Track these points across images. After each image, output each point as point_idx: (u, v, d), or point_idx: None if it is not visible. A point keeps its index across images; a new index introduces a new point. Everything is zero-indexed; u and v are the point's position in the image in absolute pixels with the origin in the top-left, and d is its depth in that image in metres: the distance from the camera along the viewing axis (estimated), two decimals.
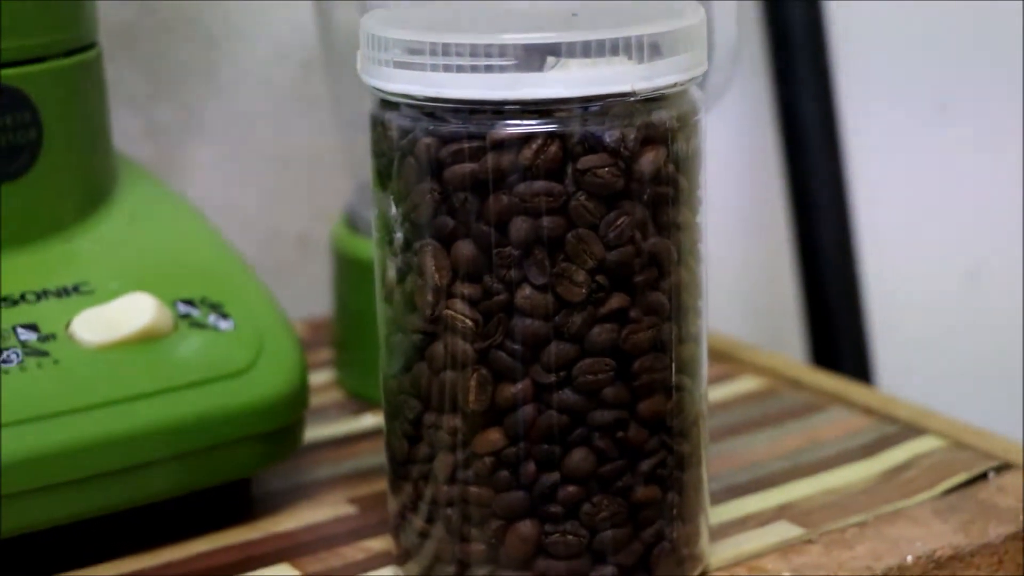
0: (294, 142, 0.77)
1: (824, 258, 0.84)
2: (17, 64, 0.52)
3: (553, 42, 0.44)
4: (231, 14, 0.74)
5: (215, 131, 0.75)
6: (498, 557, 0.47)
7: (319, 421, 0.61)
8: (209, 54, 0.74)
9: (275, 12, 0.75)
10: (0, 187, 0.52)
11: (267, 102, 0.76)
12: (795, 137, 0.83)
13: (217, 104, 0.75)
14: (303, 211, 0.77)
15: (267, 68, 0.75)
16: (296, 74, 0.76)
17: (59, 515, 0.50)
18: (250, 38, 0.74)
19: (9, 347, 0.50)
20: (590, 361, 0.45)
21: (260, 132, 0.76)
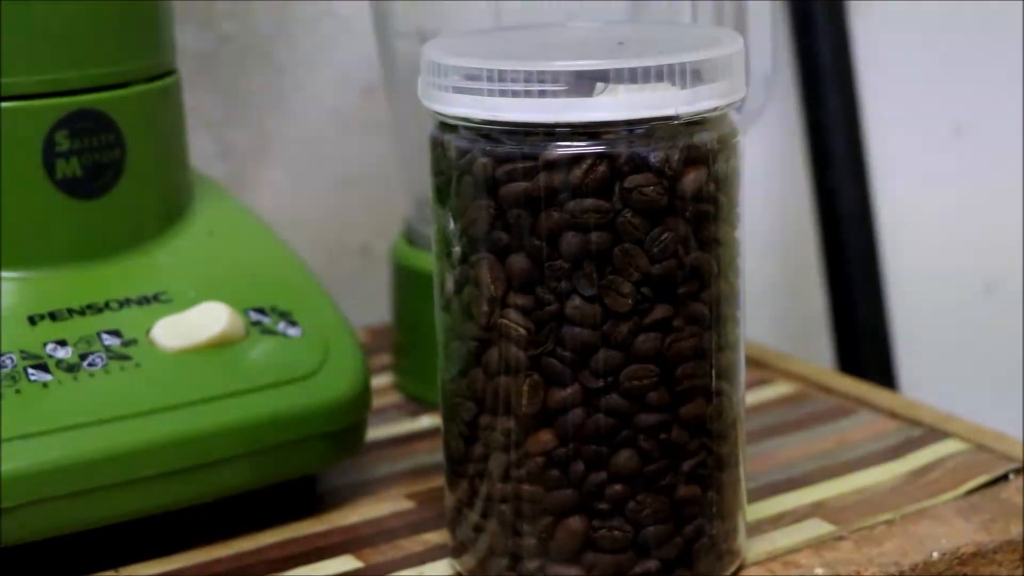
0: (356, 162, 0.76)
1: (850, 270, 0.83)
2: (103, 89, 0.52)
3: (602, 68, 0.43)
4: (299, 44, 0.74)
5: (283, 152, 0.75)
6: (548, 551, 0.46)
7: (379, 422, 0.61)
8: (278, 81, 0.74)
9: (339, 42, 0.75)
10: (87, 203, 0.52)
11: (331, 125, 0.76)
12: (823, 157, 0.83)
13: (285, 127, 0.75)
14: (364, 226, 0.77)
15: (331, 94, 0.75)
16: (358, 99, 0.76)
17: (140, 508, 0.50)
18: (316, 66, 0.74)
19: (95, 351, 0.50)
20: (635, 367, 0.45)
21: (325, 153, 0.76)
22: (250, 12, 0.72)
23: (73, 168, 0.52)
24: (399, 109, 0.65)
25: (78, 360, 0.50)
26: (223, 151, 0.73)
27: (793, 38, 0.83)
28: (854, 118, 0.83)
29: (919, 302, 0.90)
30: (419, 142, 0.60)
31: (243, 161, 0.74)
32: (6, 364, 0.49)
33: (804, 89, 0.83)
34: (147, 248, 0.54)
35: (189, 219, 0.56)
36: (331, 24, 0.74)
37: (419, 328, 0.64)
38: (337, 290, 0.58)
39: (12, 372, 0.49)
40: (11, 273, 0.51)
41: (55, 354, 0.50)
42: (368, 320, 0.72)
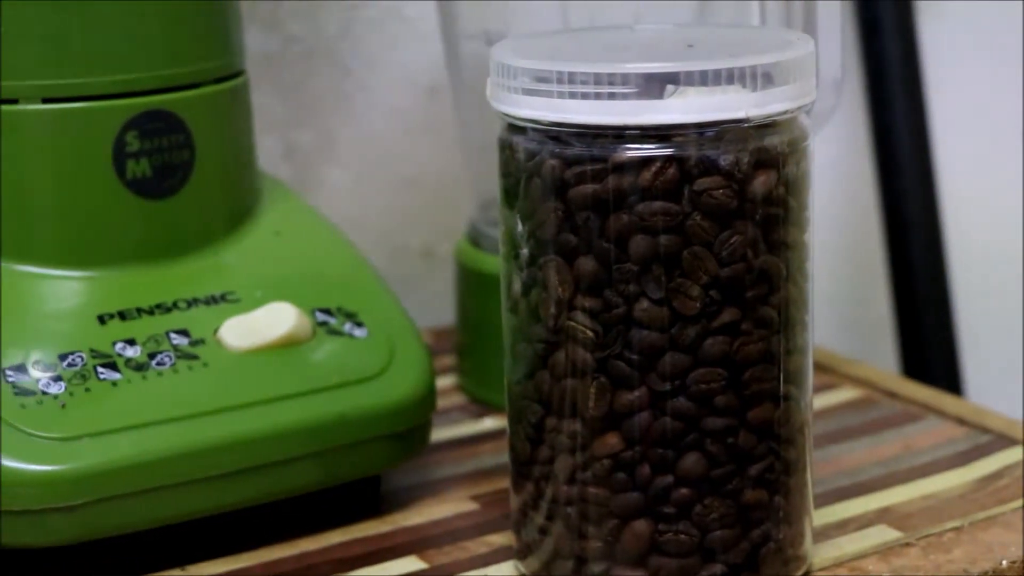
0: (420, 163, 0.77)
1: (916, 275, 0.83)
2: (173, 90, 0.52)
3: (672, 71, 0.43)
4: (363, 46, 0.74)
5: (348, 153, 0.75)
6: (614, 554, 0.46)
7: (442, 423, 0.61)
8: (343, 82, 0.74)
9: (403, 43, 0.75)
10: (156, 203, 0.53)
11: (395, 126, 0.76)
12: (889, 160, 0.83)
13: (350, 128, 0.75)
14: (428, 227, 0.77)
15: (396, 95, 0.75)
16: (422, 100, 0.76)
17: (207, 507, 0.50)
18: (380, 67, 0.75)
19: (163, 350, 0.51)
20: (703, 371, 0.45)
21: (388, 154, 0.76)
22: (316, 13, 0.73)
23: (143, 168, 0.52)
24: (464, 110, 0.65)
25: (147, 359, 0.50)
26: (288, 152, 0.73)
27: (860, 40, 0.82)
28: (921, 121, 0.82)
29: (985, 308, 0.89)
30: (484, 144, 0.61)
31: (307, 162, 0.74)
32: (76, 363, 0.50)
33: (870, 92, 0.83)
34: (215, 248, 0.54)
35: (256, 219, 0.56)
36: (396, 25, 0.74)
37: (483, 330, 0.64)
38: (399, 291, 0.59)
39: (82, 370, 0.49)
40: (81, 272, 0.52)
41: (124, 353, 0.50)
42: (429, 322, 0.72)
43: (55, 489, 0.48)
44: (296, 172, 0.73)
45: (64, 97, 0.51)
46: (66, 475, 0.48)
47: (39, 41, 0.51)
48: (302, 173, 0.73)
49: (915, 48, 0.82)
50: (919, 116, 0.82)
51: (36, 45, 0.51)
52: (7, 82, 0.51)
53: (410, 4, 0.74)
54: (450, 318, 0.69)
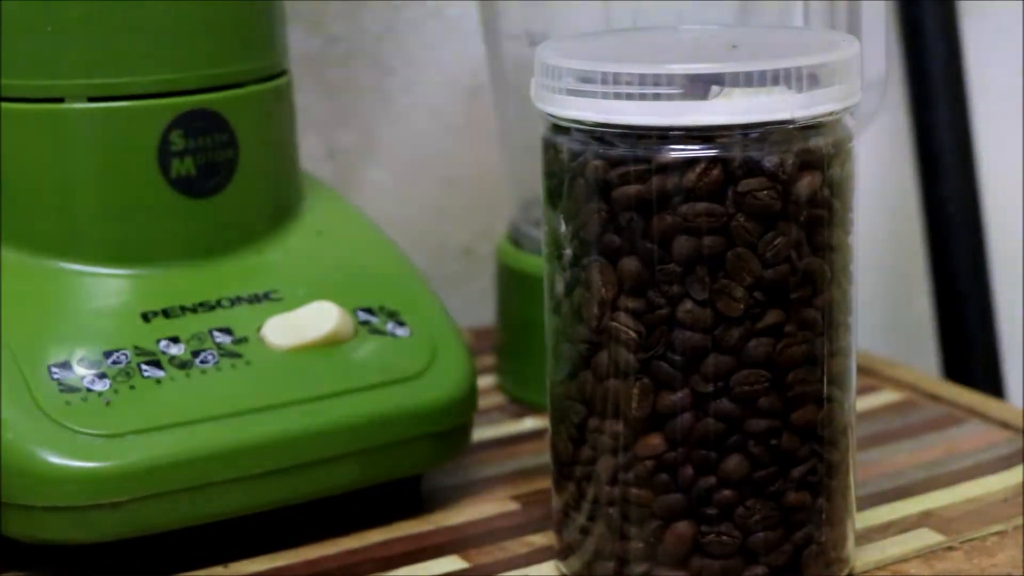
0: (460, 164, 0.77)
1: (958, 276, 0.83)
2: (217, 89, 0.53)
3: (717, 72, 0.43)
4: (405, 46, 0.74)
5: (389, 153, 0.75)
6: (656, 555, 0.46)
7: (483, 423, 0.61)
8: (384, 82, 0.74)
9: (446, 44, 0.75)
10: (200, 202, 0.53)
11: (436, 127, 0.76)
12: (932, 162, 0.82)
13: (391, 128, 0.75)
14: (468, 227, 0.78)
15: (437, 95, 0.76)
16: (464, 101, 0.76)
17: (249, 504, 0.51)
18: (422, 68, 0.75)
19: (206, 349, 0.51)
20: (746, 372, 0.45)
21: (429, 154, 0.76)
22: (358, 13, 0.73)
23: (187, 167, 0.52)
24: (506, 111, 0.65)
25: (190, 357, 0.51)
26: (329, 152, 0.74)
27: (902, 40, 0.82)
28: (964, 123, 0.82)
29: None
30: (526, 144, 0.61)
31: (349, 162, 0.74)
32: (121, 360, 0.50)
33: (913, 93, 0.82)
34: (258, 247, 0.54)
35: (299, 218, 0.56)
36: (438, 26, 0.74)
37: (524, 330, 0.64)
38: (438, 291, 0.59)
39: (126, 368, 0.50)
40: (126, 270, 0.52)
41: (168, 351, 0.51)
42: (469, 322, 0.72)
43: (100, 486, 0.48)
44: (338, 172, 0.73)
45: (110, 96, 0.51)
46: (111, 472, 0.48)
47: (85, 40, 0.51)
48: (344, 173, 0.74)
49: (958, 48, 0.81)
50: (961, 117, 0.82)
51: (82, 44, 0.51)
52: (53, 81, 0.51)
53: (452, 5, 0.74)
54: (490, 318, 0.69)
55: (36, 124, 0.52)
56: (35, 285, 0.52)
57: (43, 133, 0.52)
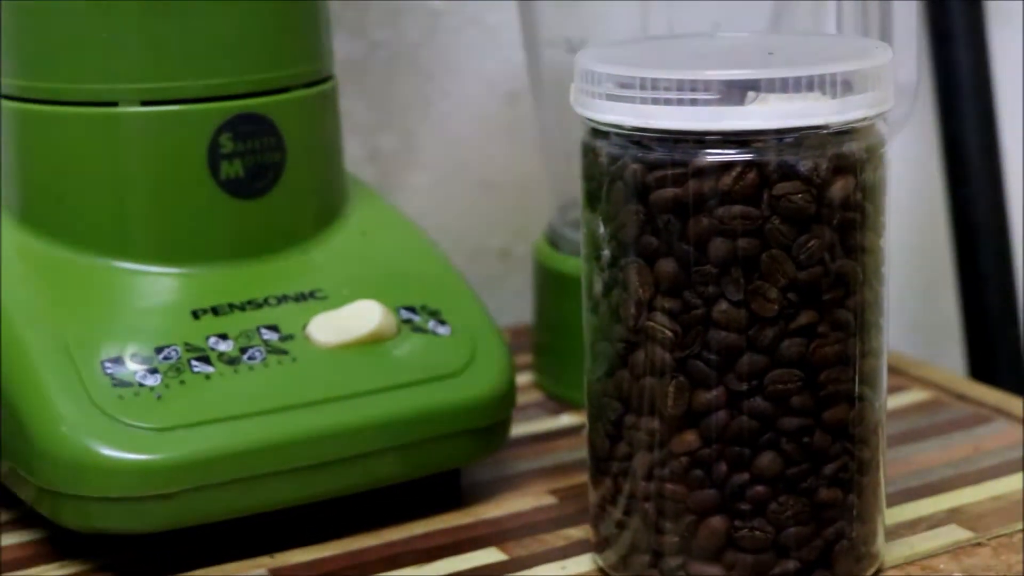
0: (497, 167, 0.77)
1: (984, 279, 0.82)
2: (265, 93, 0.53)
3: (753, 78, 0.43)
4: (446, 52, 0.74)
5: (429, 157, 0.75)
6: (690, 549, 0.46)
7: (520, 419, 0.61)
8: (425, 88, 0.74)
9: (484, 50, 0.75)
10: (248, 203, 0.53)
11: (476, 131, 0.76)
12: (959, 167, 0.82)
13: (431, 132, 0.75)
14: (505, 229, 0.78)
15: (476, 100, 0.76)
16: (502, 106, 0.76)
17: (295, 496, 0.51)
18: (462, 73, 0.75)
19: (254, 345, 0.51)
20: (780, 372, 0.45)
21: (469, 158, 0.76)
22: (400, 20, 0.73)
23: (236, 169, 0.52)
24: (545, 115, 0.65)
25: (238, 353, 0.51)
26: (372, 155, 0.74)
27: (931, 48, 0.82)
28: (991, 128, 0.81)
29: None
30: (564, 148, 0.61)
31: (391, 165, 0.74)
32: (171, 356, 0.50)
33: (941, 99, 0.82)
34: (304, 247, 0.55)
35: (343, 219, 0.56)
36: (478, 32, 0.74)
37: (561, 329, 0.64)
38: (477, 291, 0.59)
39: (177, 363, 0.50)
40: (176, 269, 0.52)
41: (217, 347, 0.51)
42: (506, 320, 0.72)
43: (151, 477, 0.48)
44: (380, 175, 0.74)
45: (162, 100, 0.52)
46: (162, 464, 0.48)
47: (138, 46, 0.51)
48: (385, 176, 0.74)
49: (986, 56, 0.81)
50: (989, 123, 0.82)
51: (135, 50, 0.51)
52: (107, 85, 0.52)
53: (492, 12, 0.74)
54: (526, 317, 0.69)
55: (90, 127, 0.52)
56: (89, 283, 0.52)
57: (97, 136, 0.52)
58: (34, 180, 0.54)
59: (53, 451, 0.48)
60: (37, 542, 0.52)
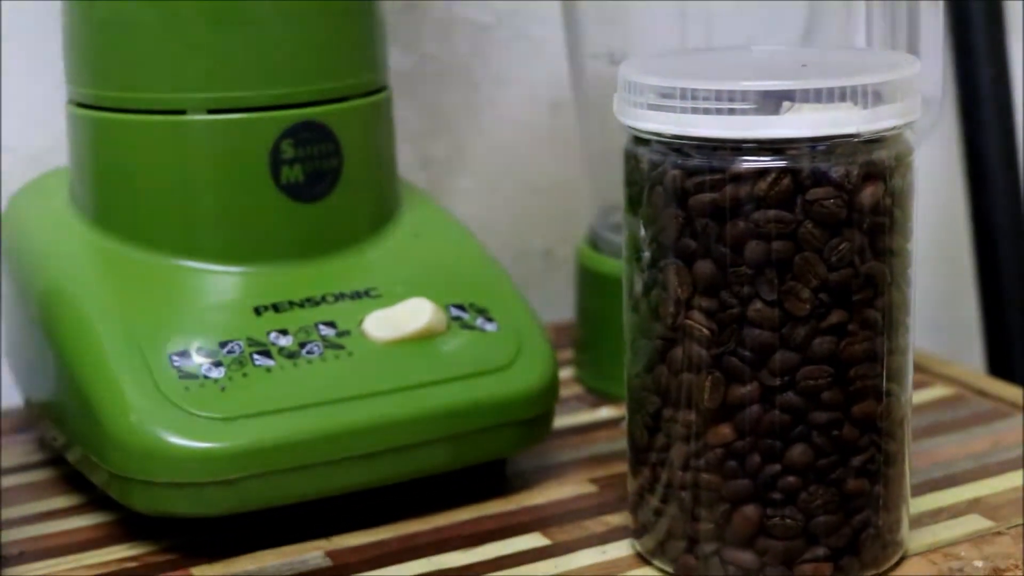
0: (541, 173, 0.77)
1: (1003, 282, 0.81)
2: (324, 103, 0.53)
3: (788, 89, 0.43)
4: (492, 64, 0.74)
5: (477, 163, 0.75)
6: (724, 536, 0.46)
7: (562, 412, 0.61)
8: (473, 98, 0.74)
9: (529, 62, 0.75)
10: (307, 206, 0.53)
11: (520, 139, 0.76)
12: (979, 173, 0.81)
13: (479, 140, 0.75)
14: (548, 231, 0.77)
15: (521, 110, 0.76)
16: (545, 115, 0.76)
17: (350, 483, 0.51)
18: (507, 84, 0.75)
19: (312, 340, 0.51)
20: (811, 368, 0.44)
21: (514, 164, 0.76)
22: (450, 34, 0.73)
23: (296, 174, 0.52)
24: (587, 124, 0.65)
25: (298, 348, 0.51)
26: (423, 161, 0.74)
27: (954, 63, 0.81)
28: (1010, 139, 0.81)
29: None
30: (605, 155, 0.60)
31: (440, 170, 0.74)
32: (235, 350, 0.50)
33: (962, 109, 0.81)
34: (360, 248, 0.54)
35: (397, 222, 0.56)
36: (523, 46, 0.74)
37: (601, 326, 0.64)
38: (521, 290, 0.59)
39: (240, 357, 0.50)
40: (239, 268, 0.53)
41: (277, 342, 0.51)
42: (548, 318, 0.71)
43: (215, 465, 0.48)
44: (431, 180, 0.73)
45: (227, 108, 0.52)
46: (225, 452, 0.48)
47: (205, 58, 0.51)
48: (436, 181, 0.74)
49: (1006, 70, 0.80)
50: (1008, 134, 0.81)
51: (203, 62, 0.51)
52: (176, 95, 0.52)
53: (537, 26, 0.74)
54: (567, 314, 0.69)
55: (160, 134, 0.52)
56: (157, 281, 0.52)
57: (166, 142, 0.52)
58: (106, 184, 0.54)
59: (123, 439, 0.48)
60: (108, 524, 0.52)
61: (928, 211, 0.85)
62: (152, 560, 0.50)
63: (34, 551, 0.51)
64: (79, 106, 0.54)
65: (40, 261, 0.54)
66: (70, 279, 0.52)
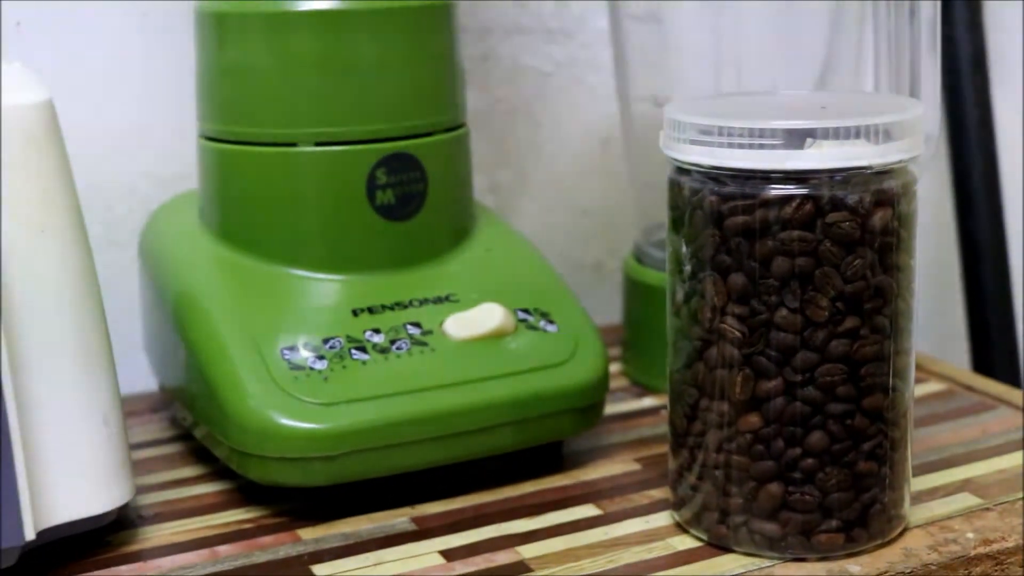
0: (592, 197, 0.76)
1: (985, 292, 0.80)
2: (413, 137, 0.52)
3: (810, 127, 0.42)
4: (551, 106, 0.73)
5: (537, 189, 0.75)
6: (752, 509, 0.45)
7: (610, 401, 0.60)
8: (535, 134, 0.74)
9: (583, 104, 0.74)
10: (397, 225, 0.52)
11: (575, 169, 0.75)
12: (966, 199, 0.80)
13: (540, 169, 0.74)
14: (597, 247, 0.76)
15: (576, 144, 0.75)
16: (596, 149, 0.75)
17: (431, 460, 0.50)
18: (564, 122, 0.74)
19: (401, 338, 0.51)
20: (828, 366, 0.43)
21: (569, 190, 0.75)
22: (517, 80, 0.72)
23: (388, 197, 0.52)
24: (633, 156, 0.64)
25: (388, 344, 0.50)
26: (492, 187, 0.73)
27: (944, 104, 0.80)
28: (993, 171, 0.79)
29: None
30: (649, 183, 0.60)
31: (507, 195, 0.74)
32: (335, 346, 0.50)
33: (951, 144, 0.80)
34: (441, 260, 0.54)
35: (472, 238, 0.56)
36: (578, 90, 0.73)
37: (644, 328, 0.63)
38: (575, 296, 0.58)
39: (340, 352, 0.49)
40: (340, 276, 0.52)
41: (371, 339, 0.50)
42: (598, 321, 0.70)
43: (318, 443, 0.48)
44: (498, 202, 0.73)
45: (331, 142, 0.51)
46: (327, 432, 0.48)
47: (314, 99, 0.51)
48: (503, 203, 0.73)
49: (989, 111, 0.79)
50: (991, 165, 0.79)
51: (312, 102, 0.51)
52: (288, 130, 0.51)
53: (590, 74, 0.73)
54: (614, 318, 0.68)
55: (274, 163, 0.52)
56: (271, 286, 0.52)
57: (279, 170, 0.52)
58: (229, 204, 0.53)
59: (242, 419, 0.48)
60: (228, 491, 0.52)
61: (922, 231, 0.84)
62: (265, 522, 0.49)
63: (167, 513, 0.50)
64: (208, 139, 0.54)
65: (174, 269, 0.53)
66: (198, 285, 0.52)
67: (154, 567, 0.46)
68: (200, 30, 0.53)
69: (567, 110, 0.74)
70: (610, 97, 0.67)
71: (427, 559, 0.46)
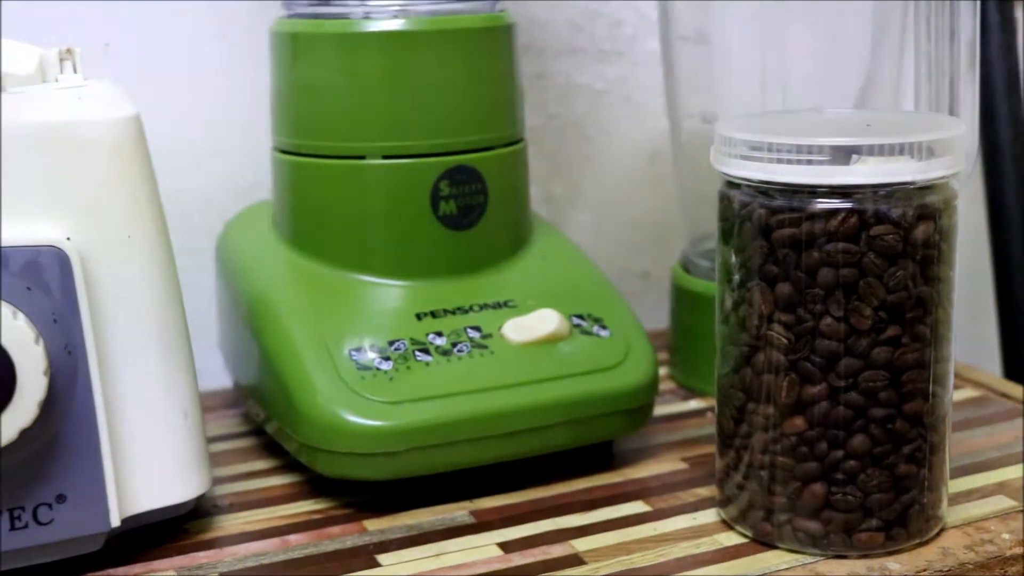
0: (641, 209, 0.76)
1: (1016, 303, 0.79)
2: (474, 151, 0.52)
3: (856, 144, 0.42)
4: (602, 121, 0.73)
5: (589, 201, 0.74)
6: (796, 508, 0.45)
7: (658, 403, 0.60)
8: (587, 148, 0.74)
9: (632, 121, 0.74)
10: (459, 234, 0.53)
11: (625, 182, 0.75)
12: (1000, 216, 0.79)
13: (591, 182, 0.74)
14: (645, 256, 0.76)
15: (625, 158, 0.75)
16: (645, 164, 0.75)
17: (490, 457, 0.50)
18: (615, 137, 0.74)
19: (462, 341, 0.51)
20: (871, 372, 0.43)
21: (619, 202, 0.75)
22: (570, 98, 0.72)
23: (451, 208, 0.52)
24: (682, 170, 0.64)
25: (450, 347, 0.50)
26: (547, 198, 0.73)
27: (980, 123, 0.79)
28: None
29: None
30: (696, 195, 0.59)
31: (560, 206, 0.74)
32: (400, 347, 0.50)
33: (986, 163, 0.79)
34: (500, 267, 0.54)
35: (529, 247, 0.56)
36: (628, 107, 0.73)
37: (691, 334, 0.62)
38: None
39: (404, 353, 0.50)
40: (405, 282, 0.52)
41: (434, 342, 0.50)
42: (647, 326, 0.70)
43: (383, 439, 0.48)
44: (553, 213, 0.73)
45: (398, 155, 0.51)
46: (392, 429, 0.48)
47: (381, 115, 0.51)
48: (557, 214, 0.73)
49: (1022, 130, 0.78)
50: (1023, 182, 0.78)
51: (379, 118, 0.51)
52: (357, 144, 0.52)
53: (640, 92, 0.73)
54: (662, 323, 0.68)
55: (343, 174, 0.52)
56: (339, 291, 0.52)
57: (348, 181, 0.52)
58: (301, 213, 0.54)
59: (312, 416, 0.48)
60: (298, 483, 0.52)
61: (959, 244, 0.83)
62: (333, 513, 0.50)
63: (240, 503, 0.51)
64: (281, 152, 0.54)
65: (248, 274, 0.54)
66: (271, 288, 0.52)
67: (229, 554, 0.47)
68: (275, 49, 0.54)
69: (617, 126, 0.74)
70: (658, 114, 0.66)
71: (486, 551, 0.46)
